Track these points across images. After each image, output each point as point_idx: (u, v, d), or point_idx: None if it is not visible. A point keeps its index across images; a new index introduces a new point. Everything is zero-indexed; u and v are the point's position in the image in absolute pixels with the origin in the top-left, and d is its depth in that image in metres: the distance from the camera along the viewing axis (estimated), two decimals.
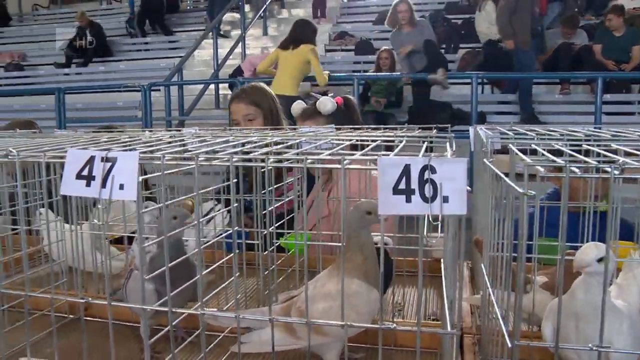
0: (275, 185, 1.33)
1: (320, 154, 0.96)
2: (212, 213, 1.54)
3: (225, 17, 9.88)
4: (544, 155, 0.88)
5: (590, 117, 6.04)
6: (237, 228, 1.07)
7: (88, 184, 0.88)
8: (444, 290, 0.95)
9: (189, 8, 12.84)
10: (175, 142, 1.26)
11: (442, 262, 0.94)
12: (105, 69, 10.49)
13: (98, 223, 1.62)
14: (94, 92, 9.02)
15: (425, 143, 1.11)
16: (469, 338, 1.25)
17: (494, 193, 1.02)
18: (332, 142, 1.21)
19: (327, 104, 2.26)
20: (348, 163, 0.86)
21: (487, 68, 6.99)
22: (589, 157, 0.89)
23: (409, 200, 0.77)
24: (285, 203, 1.54)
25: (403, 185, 0.77)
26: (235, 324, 1.00)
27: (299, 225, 1.48)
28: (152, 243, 1.18)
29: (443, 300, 0.92)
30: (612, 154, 0.89)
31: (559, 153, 0.93)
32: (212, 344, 1.12)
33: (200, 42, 8.66)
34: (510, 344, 0.80)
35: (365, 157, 0.90)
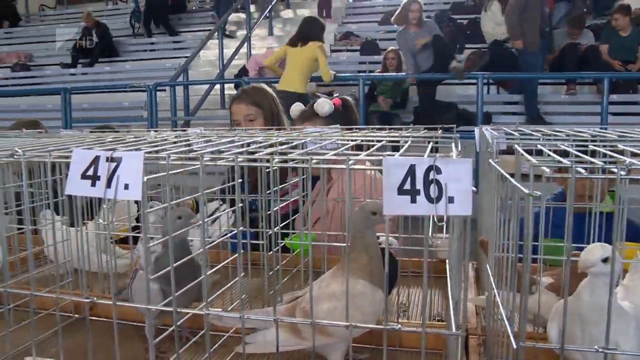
0: (281, 186, 1.33)
1: (325, 155, 0.95)
2: (217, 213, 1.54)
3: (231, 17, 9.90)
4: (550, 156, 0.88)
5: (597, 117, 6.02)
6: (242, 228, 1.07)
7: (93, 184, 0.88)
8: (449, 291, 0.95)
9: (195, 8, 12.85)
10: (181, 142, 1.26)
11: (447, 262, 0.94)
12: (111, 69, 10.52)
13: (103, 223, 1.62)
14: (100, 92, 9.05)
15: (431, 143, 1.10)
16: (474, 339, 1.25)
17: (500, 194, 1.01)
18: (337, 142, 1.21)
19: (324, 106, 2.27)
20: (353, 163, 0.86)
21: (493, 68, 6.97)
22: (595, 157, 0.89)
23: (414, 201, 0.77)
24: (288, 203, 1.54)
25: (408, 186, 0.77)
26: (240, 324, 1.00)
27: (301, 226, 1.48)
28: (157, 243, 1.18)
29: (448, 301, 0.92)
30: (618, 155, 0.88)
31: (565, 154, 0.92)
32: (216, 344, 1.12)
33: (206, 42, 8.68)
34: (516, 345, 0.80)
35: (370, 157, 0.90)
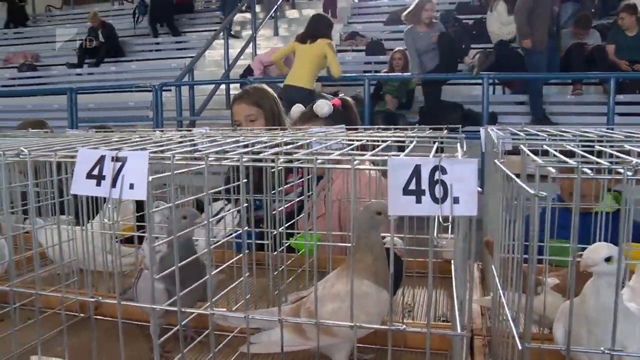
0: (285, 186, 1.33)
1: (330, 155, 0.95)
2: (222, 213, 1.54)
3: (236, 17, 9.91)
4: (556, 156, 0.88)
5: (603, 118, 5.99)
6: (246, 228, 1.07)
7: (98, 184, 0.88)
8: (454, 292, 0.94)
9: (201, 8, 12.88)
10: (186, 142, 1.26)
11: (452, 263, 0.94)
12: (117, 69, 10.55)
13: (108, 222, 1.62)
14: (106, 92, 9.06)
15: (436, 143, 1.10)
16: (479, 340, 1.24)
17: (505, 194, 1.01)
18: (342, 142, 1.20)
19: (323, 107, 2.30)
20: (358, 164, 0.86)
21: (498, 69, 6.95)
22: (601, 158, 0.88)
23: (419, 201, 0.77)
24: (289, 203, 1.54)
25: (413, 186, 0.77)
26: (245, 324, 1.00)
27: (305, 226, 1.47)
28: (162, 243, 1.18)
29: (453, 302, 0.92)
30: (624, 155, 0.88)
31: (571, 154, 0.92)
32: (221, 344, 1.12)
33: (211, 42, 8.70)
34: (521, 346, 0.79)
35: (375, 157, 0.90)
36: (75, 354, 1.18)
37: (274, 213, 1.37)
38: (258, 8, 10.00)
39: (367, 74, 7.43)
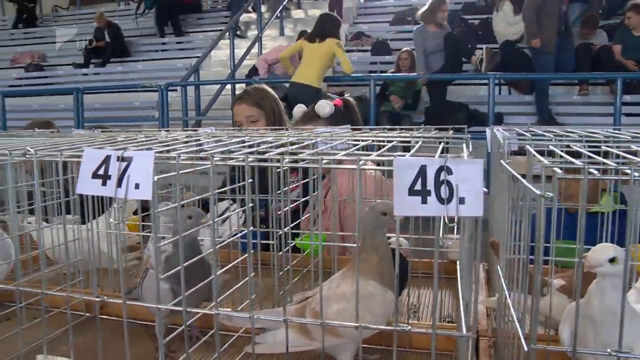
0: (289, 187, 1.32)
1: (336, 155, 0.95)
2: (227, 213, 1.54)
3: (242, 17, 9.91)
4: (562, 157, 0.87)
5: (610, 118, 5.97)
6: (252, 228, 1.07)
7: (104, 183, 0.88)
8: (460, 292, 0.94)
9: (208, 8, 12.89)
10: (191, 141, 1.26)
11: (457, 263, 0.94)
12: (123, 69, 10.58)
13: (114, 222, 1.63)
14: (112, 92, 9.10)
15: (442, 144, 1.10)
16: (485, 341, 1.24)
17: (511, 194, 1.01)
18: (347, 142, 1.20)
19: (325, 107, 2.31)
20: (363, 164, 0.86)
21: (504, 69, 6.92)
22: (608, 159, 0.88)
23: (425, 202, 0.77)
24: (294, 203, 1.54)
25: (419, 186, 0.77)
26: (250, 324, 1.00)
27: (307, 225, 1.47)
28: (167, 242, 1.19)
29: (458, 303, 0.92)
30: (631, 156, 0.87)
31: (577, 155, 0.92)
32: (226, 344, 1.12)
33: (217, 42, 8.70)
34: (527, 348, 0.79)
35: (381, 157, 0.90)
36: (81, 353, 1.18)
37: (279, 213, 1.37)
38: (264, 8, 10.00)
39: (372, 74, 7.42)
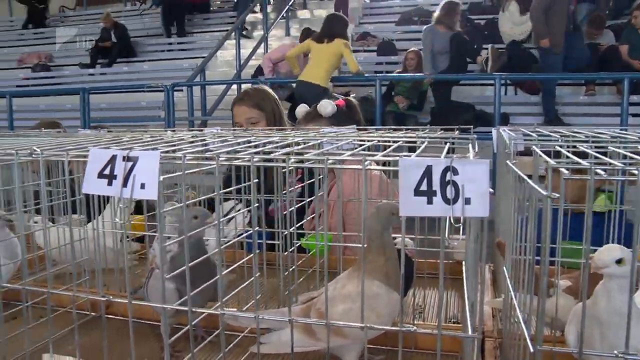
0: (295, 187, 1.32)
1: (342, 155, 0.95)
2: (232, 213, 1.54)
3: (248, 17, 9.92)
4: (568, 157, 0.87)
5: (616, 118, 5.94)
6: (257, 228, 1.07)
7: (109, 183, 0.89)
8: (465, 293, 0.94)
9: (215, 9, 12.92)
10: (197, 141, 1.26)
11: (463, 264, 0.93)
12: (129, 70, 10.62)
13: (119, 222, 1.63)
14: (118, 92, 9.12)
15: (448, 144, 1.09)
16: (491, 342, 1.23)
17: (517, 195, 1.00)
18: (353, 142, 1.20)
19: (327, 107, 2.32)
20: (369, 164, 0.86)
21: (510, 69, 6.90)
22: (615, 159, 0.87)
23: (431, 202, 0.76)
24: (300, 204, 1.54)
25: (424, 187, 0.77)
26: (255, 325, 1.00)
27: (310, 225, 1.47)
28: (172, 242, 1.19)
29: (464, 303, 0.91)
30: (638, 157, 0.87)
31: (584, 155, 0.91)
32: (231, 344, 1.13)
33: (223, 42, 8.71)
34: (533, 349, 0.79)
35: (387, 157, 0.89)
36: (87, 353, 1.18)
37: (285, 213, 1.37)
38: (269, 8, 10.01)
39: (378, 75, 7.42)
